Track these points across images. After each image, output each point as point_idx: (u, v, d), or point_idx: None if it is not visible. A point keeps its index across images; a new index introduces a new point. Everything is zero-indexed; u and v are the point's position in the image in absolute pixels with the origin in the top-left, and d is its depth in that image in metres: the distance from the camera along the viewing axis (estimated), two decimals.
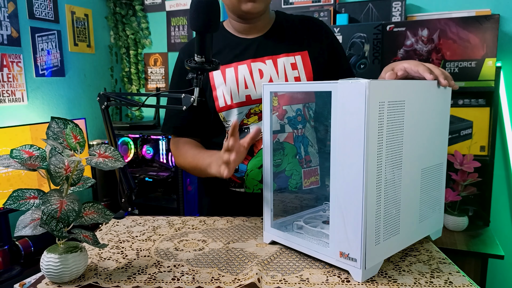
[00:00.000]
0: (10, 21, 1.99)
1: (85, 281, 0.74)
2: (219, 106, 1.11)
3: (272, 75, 1.09)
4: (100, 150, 0.75)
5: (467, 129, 1.70)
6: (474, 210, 1.70)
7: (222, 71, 1.11)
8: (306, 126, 1.08)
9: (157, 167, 2.47)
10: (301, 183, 1.08)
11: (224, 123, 1.14)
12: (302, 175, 1.09)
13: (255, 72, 1.10)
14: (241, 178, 1.14)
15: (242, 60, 1.11)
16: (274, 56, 1.10)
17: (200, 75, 0.90)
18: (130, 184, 1.09)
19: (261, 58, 1.10)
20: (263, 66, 1.10)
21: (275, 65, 1.10)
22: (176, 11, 2.58)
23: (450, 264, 0.79)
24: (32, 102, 2.14)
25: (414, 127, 0.77)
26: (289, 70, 1.10)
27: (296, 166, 1.07)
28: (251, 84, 1.09)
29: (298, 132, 1.07)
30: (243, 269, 0.79)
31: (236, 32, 1.15)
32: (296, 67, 1.10)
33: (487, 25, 1.61)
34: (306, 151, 1.09)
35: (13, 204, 0.71)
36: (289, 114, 1.07)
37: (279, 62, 1.10)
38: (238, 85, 1.09)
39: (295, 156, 1.08)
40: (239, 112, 1.10)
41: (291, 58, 1.10)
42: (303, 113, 1.08)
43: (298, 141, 1.08)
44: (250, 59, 1.11)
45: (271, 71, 1.10)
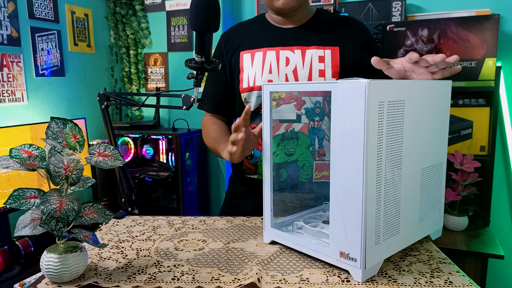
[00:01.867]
0: (10, 21, 1.99)
1: (85, 281, 0.74)
2: (242, 87, 1.16)
3: (298, 65, 1.12)
4: (100, 149, 0.75)
5: (467, 129, 1.70)
6: (474, 210, 1.70)
7: (252, 54, 1.15)
8: (324, 119, 1.09)
9: (157, 167, 2.47)
10: (312, 175, 1.09)
11: (245, 104, 1.17)
12: (313, 167, 1.09)
13: (281, 59, 1.12)
14: (255, 165, 1.17)
15: (273, 46, 1.14)
16: (304, 46, 1.13)
17: (200, 75, 0.90)
18: (130, 184, 1.09)
19: (291, 47, 1.13)
20: (290, 55, 1.12)
21: (303, 55, 1.12)
22: (176, 11, 2.58)
23: (450, 264, 0.79)
24: (32, 102, 2.14)
25: (414, 127, 0.77)
26: (315, 63, 1.11)
27: (308, 158, 1.09)
28: (276, 69, 1.12)
29: (315, 124, 1.07)
30: (243, 269, 0.79)
31: (274, 22, 1.19)
32: (323, 60, 1.11)
33: (487, 25, 1.60)
34: (321, 144, 1.10)
35: (13, 203, 0.71)
36: (308, 105, 1.07)
37: (308, 53, 1.12)
38: (263, 69, 1.13)
39: (308, 147, 1.09)
40: (258, 95, 1.14)
41: (321, 51, 1.12)
42: (322, 106, 1.08)
43: (313, 133, 1.08)
44: (280, 46, 1.14)
45: (297, 61, 1.12)
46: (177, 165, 2.28)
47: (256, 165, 1.17)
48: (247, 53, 1.16)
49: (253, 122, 1.16)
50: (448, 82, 0.88)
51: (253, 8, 2.35)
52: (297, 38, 1.14)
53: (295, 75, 1.12)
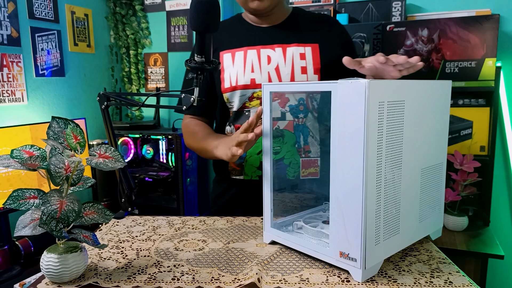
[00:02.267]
0: (10, 21, 1.99)
1: (85, 281, 0.75)
2: (224, 87, 1.15)
3: (280, 63, 1.12)
4: (101, 150, 0.75)
5: (467, 129, 1.70)
6: (474, 210, 1.70)
7: (232, 54, 1.15)
8: (308, 116, 1.09)
9: (157, 167, 2.47)
10: (299, 172, 1.09)
11: (228, 104, 1.16)
12: (300, 165, 1.10)
13: (263, 58, 1.13)
14: (240, 165, 1.16)
15: (253, 45, 1.14)
16: (284, 44, 1.13)
17: (200, 75, 0.90)
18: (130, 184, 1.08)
19: (271, 46, 1.13)
20: (272, 53, 1.13)
21: (284, 53, 1.12)
22: (176, 11, 2.58)
23: (450, 264, 0.79)
24: (32, 102, 2.14)
25: (414, 127, 0.77)
26: (297, 60, 1.12)
27: (294, 155, 1.09)
28: (258, 68, 1.12)
29: (299, 121, 1.07)
30: (243, 269, 0.79)
31: (251, 21, 1.19)
32: (304, 57, 1.12)
33: (487, 25, 1.60)
34: (306, 141, 1.10)
35: (13, 204, 0.71)
36: (291, 102, 1.08)
37: (288, 51, 1.12)
38: (245, 68, 1.13)
39: (294, 144, 1.09)
40: (242, 95, 1.13)
41: (301, 48, 1.12)
42: (305, 103, 1.09)
43: (298, 130, 1.09)
44: (260, 45, 1.14)
45: (279, 59, 1.12)
46: (177, 165, 2.28)
47: (241, 166, 1.16)
48: (227, 53, 1.15)
49: (238, 121, 1.16)
50: (448, 82, 0.88)
51: None
52: (277, 36, 1.14)
53: (277, 73, 1.12)
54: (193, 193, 2.43)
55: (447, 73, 1.68)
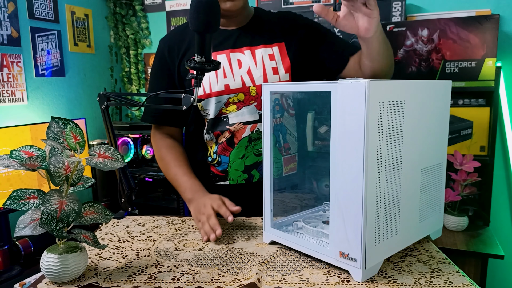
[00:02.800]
0: (10, 21, 1.99)
1: (85, 281, 0.75)
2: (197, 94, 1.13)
3: (251, 65, 1.12)
4: (100, 150, 0.75)
5: (467, 129, 1.70)
6: (474, 210, 1.70)
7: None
8: (284, 115, 1.09)
9: (157, 167, 2.47)
10: (282, 170, 1.10)
11: (202, 112, 1.15)
12: (282, 163, 1.10)
13: (233, 62, 1.12)
14: (224, 171, 1.16)
15: (221, 50, 1.13)
16: (252, 47, 1.13)
17: (200, 75, 0.90)
18: (130, 184, 1.08)
19: (240, 49, 1.13)
20: (241, 56, 1.12)
21: (253, 55, 1.12)
22: (176, 11, 2.58)
23: (450, 264, 0.79)
24: (32, 102, 2.14)
25: (414, 127, 0.77)
26: (267, 61, 1.12)
27: (277, 154, 1.09)
28: (230, 73, 1.12)
29: (277, 121, 1.08)
30: (243, 269, 0.79)
31: None
32: (274, 58, 1.12)
33: (487, 25, 1.60)
34: (285, 139, 1.11)
35: (13, 204, 0.71)
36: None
37: (257, 53, 1.12)
38: (217, 74, 1.12)
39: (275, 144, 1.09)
40: (217, 101, 1.12)
41: (269, 49, 1.13)
42: (281, 103, 1.09)
43: (277, 129, 1.09)
44: (229, 49, 1.13)
45: (249, 62, 1.12)
46: None
47: (225, 171, 1.15)
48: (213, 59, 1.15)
49: (216, 128, 1.14)
50: (448, 82, 0.88)
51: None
52: (244, 39, 1.14)
53: (250, 76, 1.12)
54: None
55: (447, 73, 1.68)
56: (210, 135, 1.16)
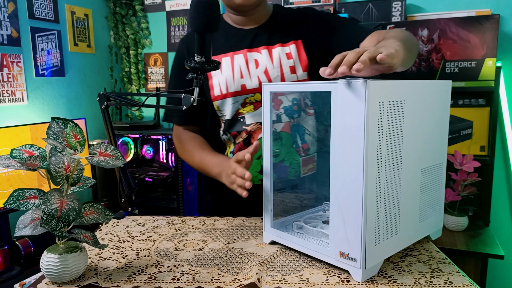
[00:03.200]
0: (10, 21, 1.99)
1: (85, 281, 0.75)
2: (214, 95, 1.13)
3: (268, 65, 1.11)
4: (101, 149, 0.75)
5: (467, 129, 1.70)
6: (474, 210, 1.70)
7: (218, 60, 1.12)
8: (301, 115, 1.09)
9: (157, 167, 2.47)
10: (300, 171, 1.09)
11: (218, 112, 1.15)
12: (300, 164, 1.09)
13: (250, 62, 1.11)
14: None
15: (238, 50, 1.12)
16: (269, 46, 1.12)
17: (200, 75, 0.90)
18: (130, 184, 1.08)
19: (257, 48, 1.12)
20: (258, 56, 1.12)
21: (270, 55, 1.11)
22: (176, 11, 2.58)
23: (450, 264, 0.79)
24: (32, 102, 2.14)
25: (414, 127, 0.77)
26: (284, 60, 1.11)
27: (294, 155, 1.08)
28: (247, 73, 1.11)
29: (295, 121, 1.07)
30: (243, 269, 0.79)
31: (234, 23, 1.17)
32: (291, 57, 1.11)
33: (487, 25, 1.61)
34: (303, 140, 1.10)
35: (13, 204, 0.71)
36: (285, 104, 1.07)
37: (274, 52, 1.11)
38: (233, 74, 1.11)
39: (292, 145, 1.09)
40: (234, 102, 1.12)
41: (286, 48, 1.12)
42: (299, 103, 1.08)
43: (294, 130, 1.08)
44: (246, 48, 1.12)
45: (266, 61, 1.11)
46: (177, 165, 2.28)
47: None
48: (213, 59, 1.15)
49: (233, 129, 1.14)
50: (448, 82, 0.88)
51: None
52: (261, 38, 1.13)
53: (267, 76, 1.11)
54: (193, 193, 2.43)
55: (447, 73, 1.68)
56: (227, 136, 1.16)
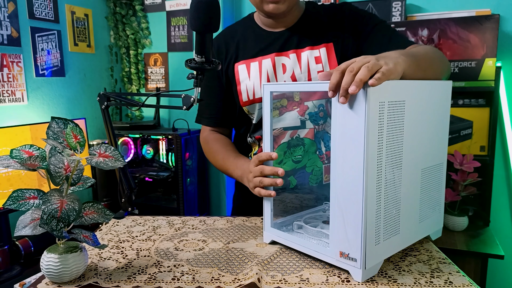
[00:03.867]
0: (10, 21, 1.99)
1: (85, 281, 0.74)
2: (242, 100, 1.13)
3: (295, 70, 1.08)
4: (101, 149, 0.75)
5: (467, 129, 1.70)
6: (474, 210, 1.70)
7: (247, 65, 1.12)
8: (327, 121, 1.07)
9: (157, 167, 2.47)
10: (322, 178, 1.08)
11: (249, 115, 1.15)
12: (323, 171, 1.08)
13: (278, 67, 1.09)
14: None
15: (267, 54, 1.10)
16: (298, 50, 1.09)
17: (200, 75, 0.90)
18: (130, 184, 1.09)
19: (285, 52, 1.10)
20: (286, 61, 1.09)
21: (298, 59, 1.08)
22: (176, 11, 2.58)
23: (450, 264, 0.79)
24: (32, 102, 2.14)
25: (414, 127, 0.77)
26: (312, 65, 1.07)
27: (316, 162, 1.06)
28: (273, 78, 1.10)
29: (319, 127, 1.05)
30: (243, 269, 0.79)
31: (263, 25, 1.15)
32: (320, 61, 1.07)
33: (487, 25, 1.61)
34: (327, 146, 1.08)
35: (13, 204, 0.71)
36: (311, 109, 1.05)
37: (303, 56, 1.08)
38: (260, 80, 1.10)
39: (315, 152, 1.08)
40: (260, 107, 1.11)
41: (316, 51, 1.08)
42: (325, 108, 1.05)
43: (318, 136, 1.06)
44: (274, 53, 1.10)
45: (294, 66, 1.08)
46: (177, 165, 2.28)
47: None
48: (242, 65, 1.13)
49: (258, 132, 1.14)
50: (448, 82, 0.88)
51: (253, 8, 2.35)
52: (291, 41, 1.10)
53: (293, 80, 1.09)
54: (193, 193, 2.43)
55: None
56: (252, 139, 1.15)
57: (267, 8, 1.03)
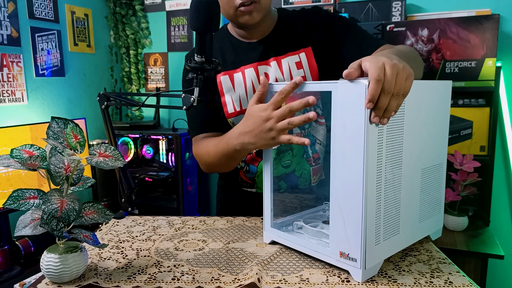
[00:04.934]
0: (10, 21, 1.99)
1: (85, 281, 0.75)
2: (227, 112, 1.11)
3: (278, 77, 1.07)
4: (101, 149, 0.75)
5: (467, 129, 1.70)
6: (474, 210, 1.70)
7: (230, 76, 1.10)
8: (312, 125, 1.08)
9: (157, 167, 2.47)
10: (310, 180, 1.09)
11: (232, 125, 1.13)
12: (311, 173, 1.08)
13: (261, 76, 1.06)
14: (252, 179, 1.15)
15: (248, 63, 1.09)
16: (278, 57, 1.08)
17: (200, 75, 0.90)
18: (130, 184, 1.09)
19: (266, 61, 1.09)
20: (268, 69, 1.08)
21: (279, 66, 1.08)
22: (176, 11, 2.58)
23: (450, 264, 0.79)
24: (32, 102, 2.14)
25: (414, 127, 0.77)
26: (294, 70, 1.07)
27: (304, 165, 1.07)
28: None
29: (306, 131, 1.06)
30: (243, 269, 0.79)
31: (240, 37, 1.13)
32: (301, 66, 1.07)
33: (487, 25, 1.61)
34: (314, 149, 1.09)
35: (13, 204, 0.71)
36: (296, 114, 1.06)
37: (284, 62, 1.08)
38: (246, 91, 1.08)
39: (302, 155, 1.08)
40: None
41: (295, 56, 1.07)
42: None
43: None
44: (256, 62, 1.09)
45: (276, 74, 1.08)
46: (177, 165, 2.28)
47: (253, 179, 1.14)
48: (224, 75, 1.10)
49: None
50: (448, 82, 0.88)
51: None
52: (270, 49, 1.08)
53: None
54: (193, 193, 2.43)
55: (447, 73, 1.68)
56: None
57: (242, 19, 1.01)
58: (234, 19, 1.04)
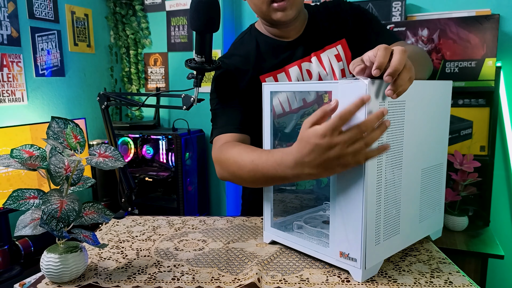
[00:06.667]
0: (10, 21, 1.99)
1: (85, 281, 0.74)
2: (275, 113, 1.06)
3: (321, 73, 1.06)
4: (101, 149, 0.75)
5: (467, 129, 1.70)
6: (474, 210, 1.70)
7: (274, 77, 1.07)
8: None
9: (157, 167, 2.47)
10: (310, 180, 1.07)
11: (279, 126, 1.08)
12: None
13: (304, 74, 1.06)
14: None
15: (290, 63, 1.06)
16: (318, 51, 1.06)
17: (200, 75, 0.90)
18: (130, 184, 1.09)
19: (307, 57, 1.06)
20: (310, 66, 1.07)
21: (320, 61, 1.06)
22: (176, 11, 2.58)
23: (450, 264, 0.79)
24: (32, 102, 2.14)
25: (414, 127, 0.77)
26: (334, 64, 1.05)
27: None
28: None
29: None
30: (243, 269, 0.79)
31: (275, 36, 1.09)
32: (340, 58, 1.05)
33: (487, 25, 1.61)
34: None
35: (13, 204, 0.71)
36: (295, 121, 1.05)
37: (323, 57, 1.06)
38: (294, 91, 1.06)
39: None
40: (296, 117, 1.07)
41: (333, 49, 1.06)
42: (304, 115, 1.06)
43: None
44: (298, 60, 1.07)
45: (318, 69, 1.06)
46: (177, 165, 2.28)
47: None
48: (269, 77, 1.06)
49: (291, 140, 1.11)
50: (448, 82, 0.88)
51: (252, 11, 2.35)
52: (309, 45, 1.06)
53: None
54: (193, 193, 2.43)
55: (447, 73, 1.68)
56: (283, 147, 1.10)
57: (275, 16, 0.98)
58: (266, 16, 1.00)
